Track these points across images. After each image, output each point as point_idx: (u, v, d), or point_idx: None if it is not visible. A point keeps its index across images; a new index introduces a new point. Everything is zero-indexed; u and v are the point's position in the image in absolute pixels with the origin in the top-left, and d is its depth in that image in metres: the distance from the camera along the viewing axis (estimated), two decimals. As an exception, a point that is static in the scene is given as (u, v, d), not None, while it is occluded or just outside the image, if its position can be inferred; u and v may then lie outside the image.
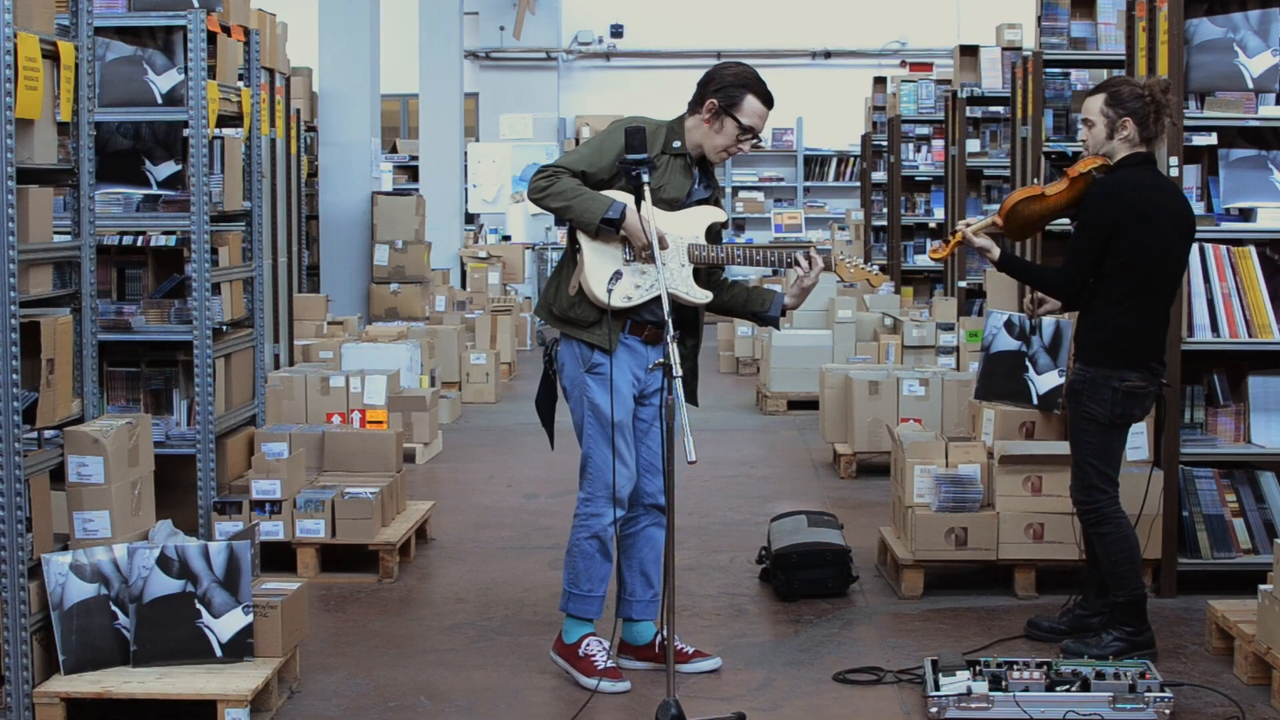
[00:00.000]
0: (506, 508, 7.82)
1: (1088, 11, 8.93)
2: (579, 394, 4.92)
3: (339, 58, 12.64)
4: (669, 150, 4.91)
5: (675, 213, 4.90)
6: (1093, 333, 5.14)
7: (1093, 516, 5.16)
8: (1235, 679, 4.99)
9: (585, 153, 4.89)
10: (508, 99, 19.83)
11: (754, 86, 4.88)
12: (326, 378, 8.61)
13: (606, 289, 4.80)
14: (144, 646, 4.60)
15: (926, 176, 14.18)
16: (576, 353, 4.91)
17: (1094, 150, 5.17)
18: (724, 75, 4.90)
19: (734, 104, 4.86)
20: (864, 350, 10.98)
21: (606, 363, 4.86)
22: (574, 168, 4.83)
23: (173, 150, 6.13)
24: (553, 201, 4.80)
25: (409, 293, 12.92)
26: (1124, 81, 5.20)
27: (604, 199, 4.78)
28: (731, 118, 4.87)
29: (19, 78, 4.31)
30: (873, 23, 19.56)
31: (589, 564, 4.96)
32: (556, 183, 4.79)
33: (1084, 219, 5.13)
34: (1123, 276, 5.06)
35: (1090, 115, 5.16)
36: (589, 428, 4.93)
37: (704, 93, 4.91)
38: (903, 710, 4.74)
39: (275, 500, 6.28)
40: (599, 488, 4.93)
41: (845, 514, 7.06)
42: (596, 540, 4.96)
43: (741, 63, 5.00)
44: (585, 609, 4.99)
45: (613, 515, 4.94)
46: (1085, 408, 5.13)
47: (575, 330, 4.90)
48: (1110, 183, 5.10)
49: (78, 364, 4.87)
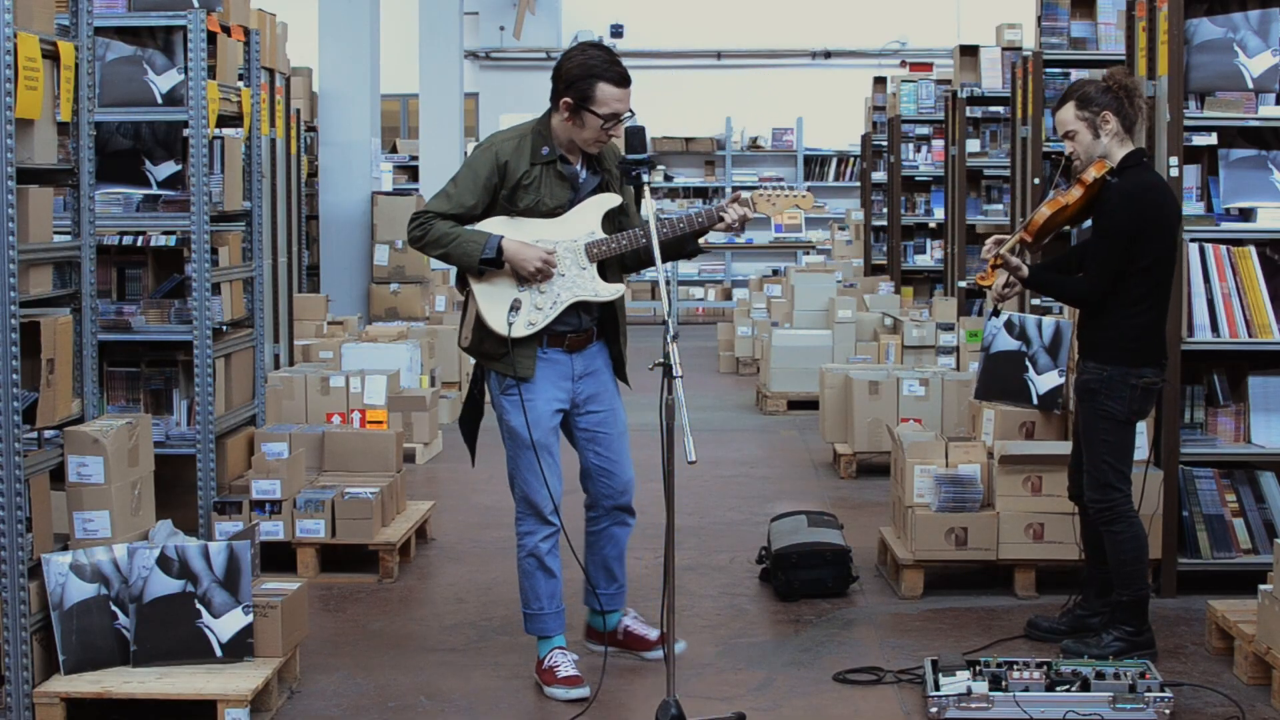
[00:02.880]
0: (506, 508, 7.72)
1: (1088, 11, 8.94)
2: (499, 416, 4.94)
3: (339, 58, 12.63)
4: (538, 160, 4.81)
5: (563, 217, 4.83)
6: (1108, 332, 5.13)
7: (1107, 515, 5.15)
8: (1235, 679, 4.99)
9: (453, 191, 4.81)
10: (508, 99, 19.80)
11: (602, 73, 4.69)
12: (326, 378, 8.62)
13: (507, 322, 4.76)
14: (144, 646, 4.60)
15: (926, 176, 14.18)
16: (495, 379, 4.91)
17: (1087, 156, 5.16)
18: (570, 69, 4.71)
19: (587, 98, 4.70)
20: (864, 350, 10.98)
21: (523, 388, 4.83)
22: (445, 211, 4.77)
23: (173, 150, 6.13)
24: (430, 250, 4.79)
25: (409, 293, 12.92)
26: (1084, 83, 5.23)
27: (477, 239, 4.72)
28: (589, 111, 4.72)
29: (19, 78, 4.31)
30: (873, 23, 19.54)
31: (531, 582, 4.96)
32: (430, 230, 4.75)
33: (1106, 226, 5.10)
34: (1143, 278, 5.08)
35: (1069, 125, 5.16)
36: (508, 448, 4.95)
37: (556, 89, 4.77)
38: (903, 710, 4.74)
39: (275, 500, 6.28)
40: (525, 507, 4.97)
41: (845, 514, 7.06)
42: (533, 559, 4.95)
43: (589, 46, 4.82)
44: (542, 627, 4.99)
45: (544, 532, 4.94)
46: (1103, 406, 5.12)
47: (488, 362, 4.90)
48: (1127, 188, 5.09)
49: (78, 364, 4.87)
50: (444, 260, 4.83)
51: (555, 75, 4.79)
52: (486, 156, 4.80)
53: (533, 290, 4.78)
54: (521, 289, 4.78)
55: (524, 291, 4.78)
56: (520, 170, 4.79)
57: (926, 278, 14.30)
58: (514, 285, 4.79)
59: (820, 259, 15.56)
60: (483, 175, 4.78)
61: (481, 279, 4.79)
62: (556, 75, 4.78)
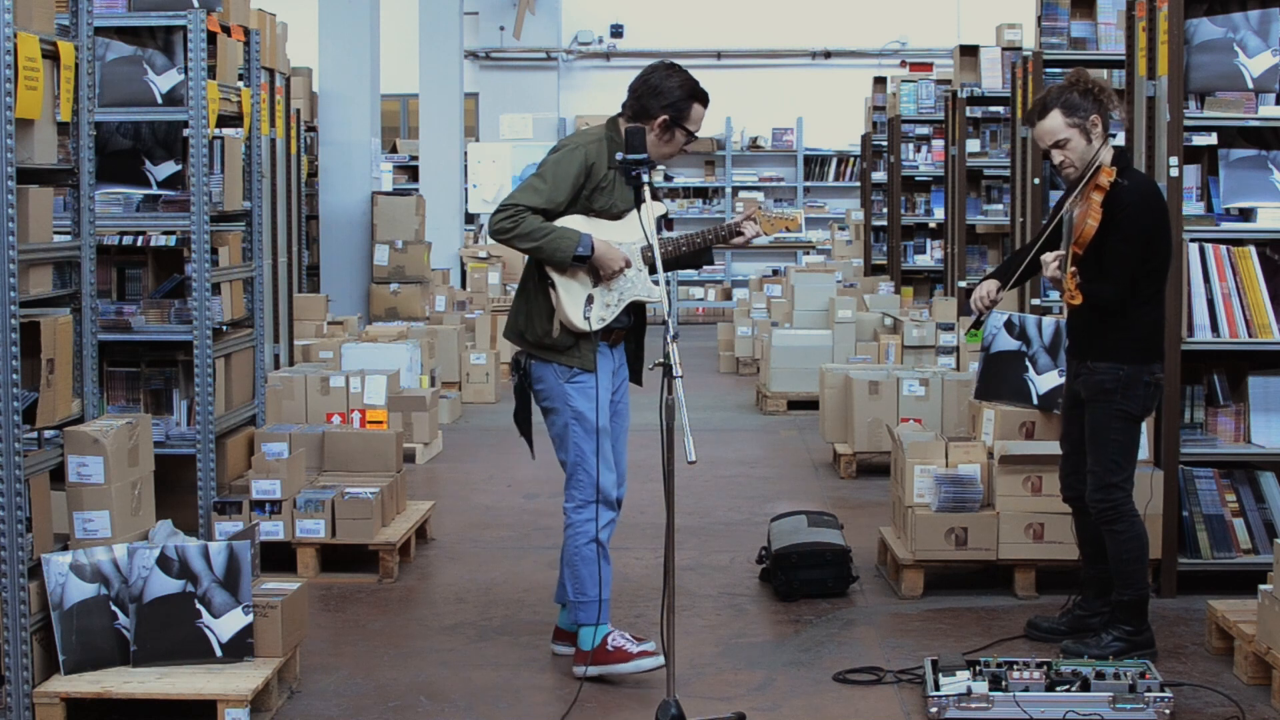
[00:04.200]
0: (506, 508, 7.82)
1: (1088, 11, 8.94)
2: (560, 405, 5.00)
3: (339, 58, 12.64)
4: (613, 165, 4.95)
5: (625, 219, 4.99)
6: (1125, 333, 5.13)
7: (1110, 514, 5.16)
8: (1235, 679, 4.99)
9: (543, 187, 4.93)
10: (508, 99, 19.81)
11: (700, 95, 4.98)
12: (326, 378, 8.62)
13: (584, 317, 4.93)
14: (144, 646, 4.60)
15: (926, 176, 14.18)
16: (555, 369, 4.99)
17: (1082, 163, 5.13)
18: (670, 88, 4.95)
19: (684, 116, 4.97)
20: (864, 350, 10.98)
21: (589, 378, 4.98)
22: (535, 205, 4.90)
23: (173, 150, 6.13)
24: (520, 243, 4.90)
25: (409, 293, 12.92)
26: (1059, 90, 5.16)
27: (571, 236, 4.88)
28: (682, 129, 4.98)
29: (19, 78, 4.31)
30: (873, 23, 19.54)
31: (590, 569, 4.99)
32: (521, 224, 4.87)
33: (1127, 230, 5.06)
34: (1156, 277, 5.15)
35: (1060, 135, 5.10)
36: (575, 435, 4.99)
37: (648, 106, 4.96)
38: (903, 710, 4.74)
39: (275, 500, 6.28)
40: (590, 493, 4.99)
41: (845, 514, 7.06)
42: (595, 544, 4.99)
43: (676, 67, 5.03)
44: (600, 614, 5.01)
45: (608, 518, 5.01)
46: (1119, 405, 5.13)
47: (553, 355, 4.99)
48: (1137, 190, 5.11)
49: (78, 364, 4.87)
50: (530, 252, 4.94)
51: (648, 91, 4.96)
52: (577, 157, 4.97)
53: (602, 288, 4.96)
54: (594, 286, 4.95)
55: (595, 289, 4.96)
56: (601, 173, 4.97)
57: (926, 278, 14.31)
58: (589, 282, 4.96)
59: (820, 259, 15.57)
60: (572, 174, 4.94)
61: (564, 275, 4.94)
62: (652, 91, 4.95)
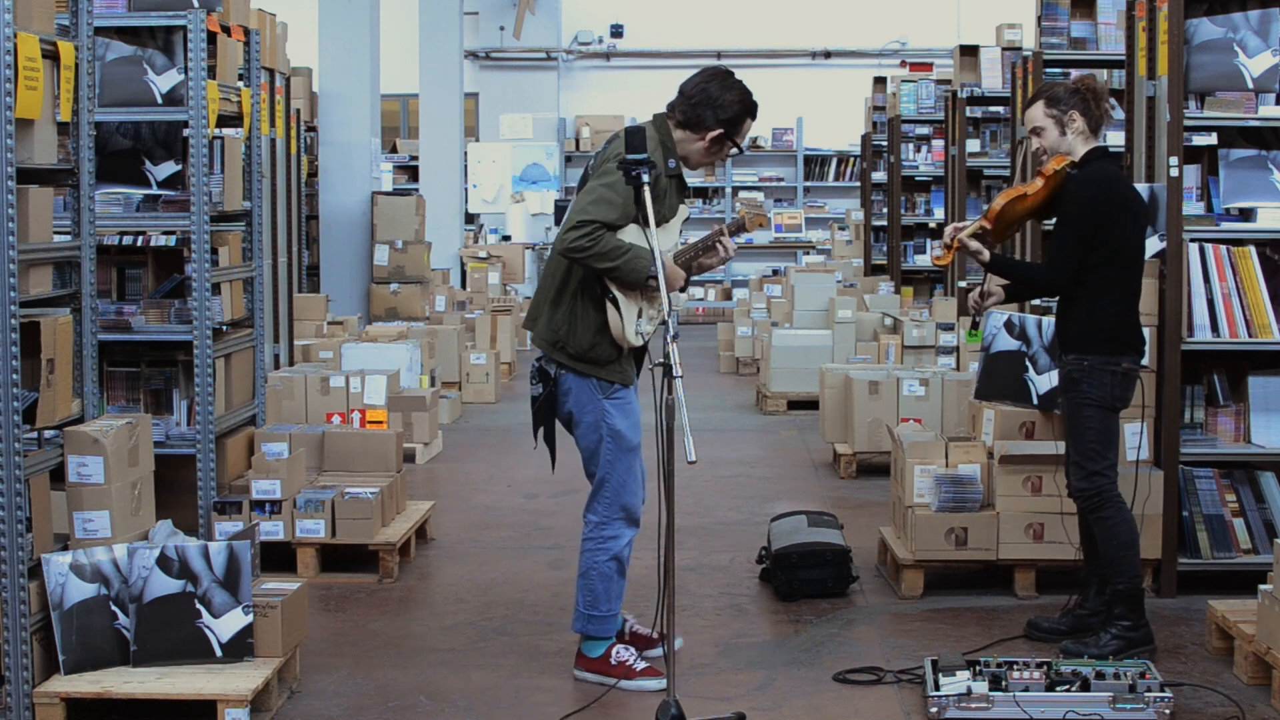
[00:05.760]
0: (506, 508, 7.82)
1: (1088, 11, 8.93)
2: (596, 419, 4.91)
3: (339, 58, 12.64)
4: (666, 172, 4.91)
5: (665, 226, 4.93)
6: (1085, 323, 5.22)
7: (1095, 500, 5.20)
8: (1235, 679, 4.99)
9: (617, 201, 4.76)
10: (508, 99, 19.82)
11: (754, 111, 4.99)
12: (326, 378, 8.62)
13: (637, 332, 4.90)
14: (144, 646, 4.60)
15: (926, 176, 14.19)
16: (594, 384, 4.91)
17: (1053, 151, 5.30)
18: (729, 102, 4.90)
19: (737, 131, 4.97)
20: (864, 350, 10.98)
21: (627, 393, 4.95)
22: (611, 221, 4.76)
23: (173, 150, 6.13)
24: (597, 262, 4.74)
25: (409, 293, 12.92)
26: (1054, 84, 5.41)
27: (645, 256, 4.71)
28: (732, 141, 4.98)
29: (19, 78, 4.31)
30: (873, 23, 19.55)
31: (608, 585, 4.97)
32: (599, 242, 4.73)
33: (1067, 212, 5.23)
34: (1109, 267, 5.18)
35: (1037, 122, 5.31)
36: (608, 453, 4.93)
37: (703, 116, 4.89)
38: (903, 710, 4.74)
39: (275, 500, 6.28)
40: (617, 510, 4.96)
41: (845, 514, 7.06)
42: (616, 562, 4.98)
43: (732, 76, 4.98)
44: (606, 629, 5.00)
45: (630, 535, 5.00)
46: (1085, 393, 5.20)
47: (593, 369, 4.90)
48: (1087, 176, 5.22)
49: (78, 364, 4.87)
50: (606, 271, 4.78)
51: (704, 100, 4.89)
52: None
53: (646, 303, 4.91)
54: (642, 300, 4.90)
55: (643, 303, 4.91)
56: (661, 183, 4.89)
57: (926, 278, 14.31)
58: (637, 297, 4.88)
59: (820, 259, 15.57)
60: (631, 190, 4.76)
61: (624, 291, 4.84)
62: (708, 101, 4.89)
